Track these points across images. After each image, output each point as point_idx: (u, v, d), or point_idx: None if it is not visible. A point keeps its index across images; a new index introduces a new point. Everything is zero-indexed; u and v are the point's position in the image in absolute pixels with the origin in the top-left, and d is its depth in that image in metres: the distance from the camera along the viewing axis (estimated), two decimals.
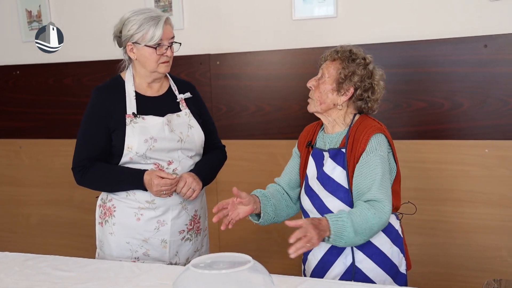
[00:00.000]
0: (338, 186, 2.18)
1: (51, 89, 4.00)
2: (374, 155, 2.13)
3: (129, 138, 2.38)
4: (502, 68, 2.95)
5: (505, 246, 3.07)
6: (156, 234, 2.47)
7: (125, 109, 2.42)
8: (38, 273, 2.21)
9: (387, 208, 2.08)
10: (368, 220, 2.03)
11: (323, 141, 2.31)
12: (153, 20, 2.34)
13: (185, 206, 2.50)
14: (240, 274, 1.44)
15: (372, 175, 2.11)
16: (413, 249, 3.17)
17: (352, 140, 2.18)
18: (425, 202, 3.17)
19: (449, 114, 3.07)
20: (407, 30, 3.12)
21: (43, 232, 4.21)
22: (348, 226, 2.00)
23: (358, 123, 2.23)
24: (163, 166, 2.43)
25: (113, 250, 2.51)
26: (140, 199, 2.44)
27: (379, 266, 2.19)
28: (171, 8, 3.57)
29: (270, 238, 3.55)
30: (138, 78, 2.49)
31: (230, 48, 3.52)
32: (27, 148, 4.16)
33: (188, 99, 2.56)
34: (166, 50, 2.39)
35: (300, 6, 3.30)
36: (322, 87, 2.22)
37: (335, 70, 2.22)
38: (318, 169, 2.26)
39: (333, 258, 2.20)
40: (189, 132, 2.48)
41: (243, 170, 3.54)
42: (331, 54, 2.26)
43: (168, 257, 2.50)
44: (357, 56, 2.23)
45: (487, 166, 3.04)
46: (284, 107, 3.42)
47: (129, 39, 2.38)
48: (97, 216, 2.60)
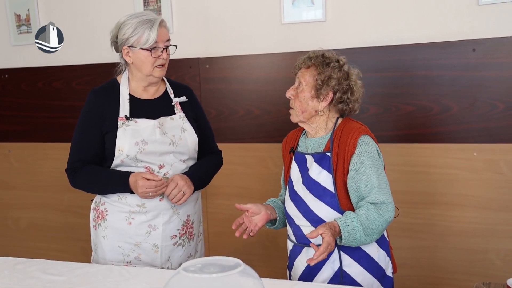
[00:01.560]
0: (324, 190, 2.18)
1: (40, 93, 3.98)
2: (366, 158, 2.14)
3: (120, 140, 2.38)
4: (490, 72, 2.97)
5: (493, 249, 3.09)
6: (147, 238, 2.46)
7: (119, 111, 2.42)
8: (28, 277, 2.21)
9: (390, 208, 2.12)
10: (375, 221, 2.07)
11: (305, 145, 2.31)
12: (148, 23, 2.34)
13: (176, 210, 2.49)
14: (231, 278, 1.44)
15: (368, 178, 2.13)
16: (402, 253, 3.19)
17: (337, 144, 2.19)
18: (414, 205, 3.19)
19: (437, 118, 3.09)
20: (396, 34, 3.13)
21: (32, 236, 4.19)
22: (358, 230, 2.04)
23: (341, 126, 2.23)
24: (154, 170, 2.42)
25: (106, 254, 2.50)
26: (131, 203, 2.44)
27: (367, 270, 2.20)
28: (160, 11, 3.58)
29: (258, 242, 3.55)
30: (134, 82, 2.49)
31: (219, 51, 3.52)
32: (16, 152, 4.14)
33: (184, 103, 2.56)
34: (162, 53, 2.38)
35: (289, 10, 3.30)
36: (301, 96, 2.22)
37: (311, 77, 2.21)
38: (303, 173, 2.25)
39: (320, 263, 2.19)
40: (182, 135, 2.48)
41: (232, 173, 3.54)
42: (304, 61, 2.25)
43: (160, 262, 2.49)
44: (331, 59, 2.22)
45: (475, 170, 3.06)
46: (273, 111, 3.42)
47: (124, 43, 2.38)
48: (91, 219, 2.60)
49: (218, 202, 3.61)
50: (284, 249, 2.44)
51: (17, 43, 4.02)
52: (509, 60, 2.93)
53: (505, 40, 2.92)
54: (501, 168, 3.01)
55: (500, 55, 2.94)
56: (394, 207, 2.14)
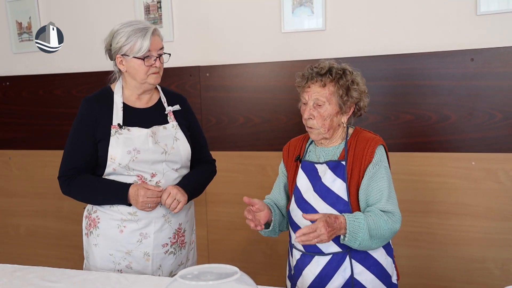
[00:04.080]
0: (338, 198, 2.18)
1: (41, 100, 4.00)
2: (380, 167, 2.16)
3: (113, 148, 2.38)
4: (488, 82, 2.98)
5: (491, 258, 3.09)
6: (138, 246, 2.46)
7: (112, 120, 2.43)
8: (26, 284, 2.21)
9: (397, 219, 2.13)
10: (381, 226, 2.08)
11: (315, 154, 2.30)
12: (141, 31, 2.35)
13: (168, 219, 2.49)
14: (227, 286, 1.45)
15: (379, 187, 2.14)
16: (401, 261, 3.19)
17: (352, 153, 2.19)
18: (412, 214, 3.20)
19: (436, 127, 3.10)
20: (395, 44, 3.15)
21: (32, 242, 4.20)
22: (363, 228, 2.04)
23: (355, 135, 2.25)
24: (146, 178, 2.43)
25: (97, 262, 2.50)
26: (123, 211, 2.44)
27: (377, 278, 2.21)
28: (161, 20, 3.60)
29: (258, 249, 3.56)
30: (127, 90, 2.49)
31: (220, 60, 3.54)
32: (17, 159, 4.15)
33: (177, 112, 2.56)
34: (155, 61, 2.39)
35: (289, 19, 3.32)
36: (325, 114, 2.18)
37: (331, 94, 2.17)
38: (314, 181, 2.24)
39: (332, 272, 2.19)
40: (174, 144, 2.48)
41: (232, 181, 3.55)
42: (314, 78, 2.19)
43: (151, 270, 2.49)
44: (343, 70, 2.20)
45: (473, 179, 3.07)
46: (272, 119, 3.44)
47: (118, 51, 2.39)
48: (83, 227, 2.60)
49: (218, 209, 3.62)
50: (284, 257, 2.44)
51: (18, 50, 4.04)
52: (507, 70, 2.94)
53: (502, 50, 2.93)
54: (499, 177, 3.02)
55: (498, 64, 2.95)
56: (401, 219, 2.15)
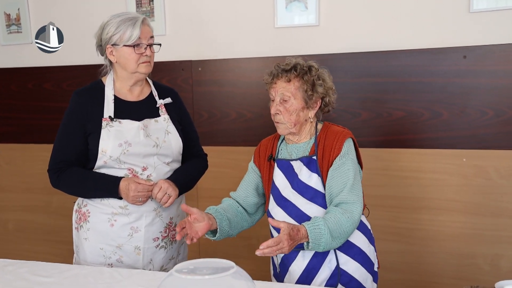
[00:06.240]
0: (316, 192, 2.22)
1: (31, 94, 3.96)
2: (346, 159, 2.19)
3: (104, 141, 2.37)
4: (480, 79, 3.00)
5: (480, 254, 3.11)
6: (129, 240, 2.45)
7: (103, 112, 2.41)
8: (18, 278, 2.20)
9: (357, 209, 2.14)
10: (342, 224, 2.09)
11: (287, 152, 2.33)
12: (130, 20, 2.34)
13: (159, 213, 2.48)
14: (224, 280, 1.45)
15: (344, 178, 2.17)
16: (390, 257, 3.21)
17: (322, 147, 2.23)
18: (403, 210, 3.21)
19: (428, 124, 3.11)
20: (388, 40, 3.16)
21: (21, 238, 4.17)
22: (325, 233, 2.05)
23: (324, 130, 2.28)
24: (137, 172, 2.41)
25: (87, 256, 2.49)
26: (113, 204, 2.42)
27: (362, 266, 2.24)
28: (153, 14, 3.58)
29: (249, 245, 3.54)
30: (119, 82, 2.48)
31: (212, 54, 3.53)
32: (6, 153, 4.11)
33: (169, 105, 2.55)
34: (145, 50, 2.38)
35: (283, 14, 3.31)
36: (291, 109, 2.22)
37: (296, 89, 2.22)
38: (291, 179, 2.27)
39: (318, 264, 2.22)
40: (166, 138, 2.47)
41: (223, 176, 3.54)
42: (280, 74, 2.25)
43: (142, 264, 2.48)
44: (308, 67, 2.24)
45: (464, 175, 3.08)
46: (265, 114, 3.41)
47: (108, 42, 2.38)
48: (74, 221, 2.58)
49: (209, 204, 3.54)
50: None
51: (6, 42, 4.00)
52: (499, 68, 2.96)
53: (495, 48, 2.95)
54: (489, 174, 3.04)
55: (490, 62, 2.97)
56: (362, 208, 2.17)
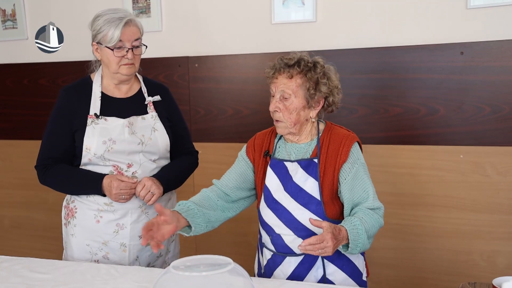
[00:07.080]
0: (311, 198, 2.12)
1: (26, 90, 3.95)
2: (359, 166, 2.12)
3: (88, 138, 2.36)
4: (477, 76, 2.99)
5: (477, 251, 3.11)
6: (115, 237, 2.45)
7: (89, 109, 2.41)
8: (14, 275, 2.19)
9: (382, 212, 2.12)
10: (374, 225, 2.05)
11: (285, 151, 2.23)
12: (115, 21, 2.31)
13: (145, 210, 2.47)
14: (221, 276, 1.44)
15: (363, 186, 2.11)
16: (387, 253, 3.22)
17: (326, 151, 2.14)
18: (400, 206, 3.21)
19: (425, 120, 3.11)
20: (385, 36, 3.15)
21: (16, 234, 4.16)
22: (362, 233, 1.99)
23: (327, 131, 2.19)
24: (122, 169, 2.40)
25: (75, 252, 2.49)
26: (99, 201, 2.42)
27: (350, 277, 2.18)
28: (149, 9, 3.56)
29: (246, 241, 3.55)
30: (105, 79, 2.47)
31: (209, 51, 3.51)
32: (1, 149, 4.10)
33: (158, 102, 2.53)
34: (127, 53, 2.35)
35: (279, 10, 3.30)
36: (291, 108, 2.11)
37: (298, 86, 2.10)
38: (285, 181, 2.17)
39: (304, 272, 2.15)
40: (152, 135, 2.45)
41: (220, 173, 3.47)
42: (282, 69, 2.12)
43: (128, 261, 2.47)
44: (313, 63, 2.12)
45: (461, 172, 3.08)
46: (261, 111, 3.42)
47: (93, 38, 2.38)
48: (62, 217, 2.58)
49: None
50: None
51: (2, 38, 3.98)
52: (496, 64, 2.95)
53: (492, 44, 2.94)
54: (486, 170, 3.04)
55: (488, 59, 2.96)
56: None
